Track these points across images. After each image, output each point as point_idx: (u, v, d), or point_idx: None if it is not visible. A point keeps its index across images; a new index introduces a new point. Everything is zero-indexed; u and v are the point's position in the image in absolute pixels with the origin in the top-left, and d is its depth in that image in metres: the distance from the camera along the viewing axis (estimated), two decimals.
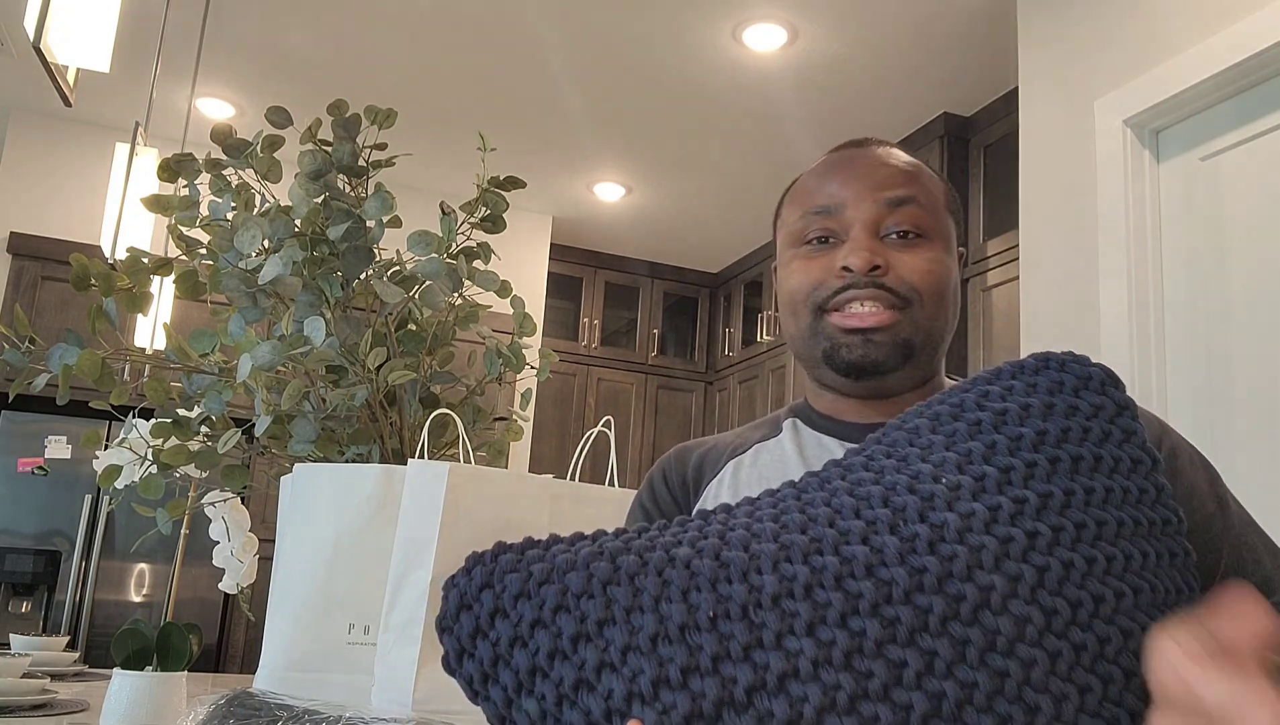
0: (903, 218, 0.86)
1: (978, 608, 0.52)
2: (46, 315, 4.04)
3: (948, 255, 0.89)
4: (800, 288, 0.88)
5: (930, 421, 0.63)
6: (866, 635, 0.51)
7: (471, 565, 0.58)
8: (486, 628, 0.56)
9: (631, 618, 0.53)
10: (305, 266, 1.20)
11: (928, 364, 0.89)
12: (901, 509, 0.56)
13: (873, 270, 0.84)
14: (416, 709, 0.92)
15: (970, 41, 3.25)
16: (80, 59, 1.75)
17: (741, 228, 4.93)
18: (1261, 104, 2.19)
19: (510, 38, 3.41)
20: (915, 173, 0.90)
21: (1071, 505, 0.57)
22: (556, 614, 0.54)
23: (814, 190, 0.91)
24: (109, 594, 3.85)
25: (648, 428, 5.29)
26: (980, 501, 0.56)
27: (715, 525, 0.59)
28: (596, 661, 0.53)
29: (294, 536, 1.10)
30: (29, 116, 4.23)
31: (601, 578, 0.55)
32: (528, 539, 0.60)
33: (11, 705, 1.52)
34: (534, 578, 0.56)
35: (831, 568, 0.53)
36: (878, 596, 0.52)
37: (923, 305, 0.85)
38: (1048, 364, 0.64)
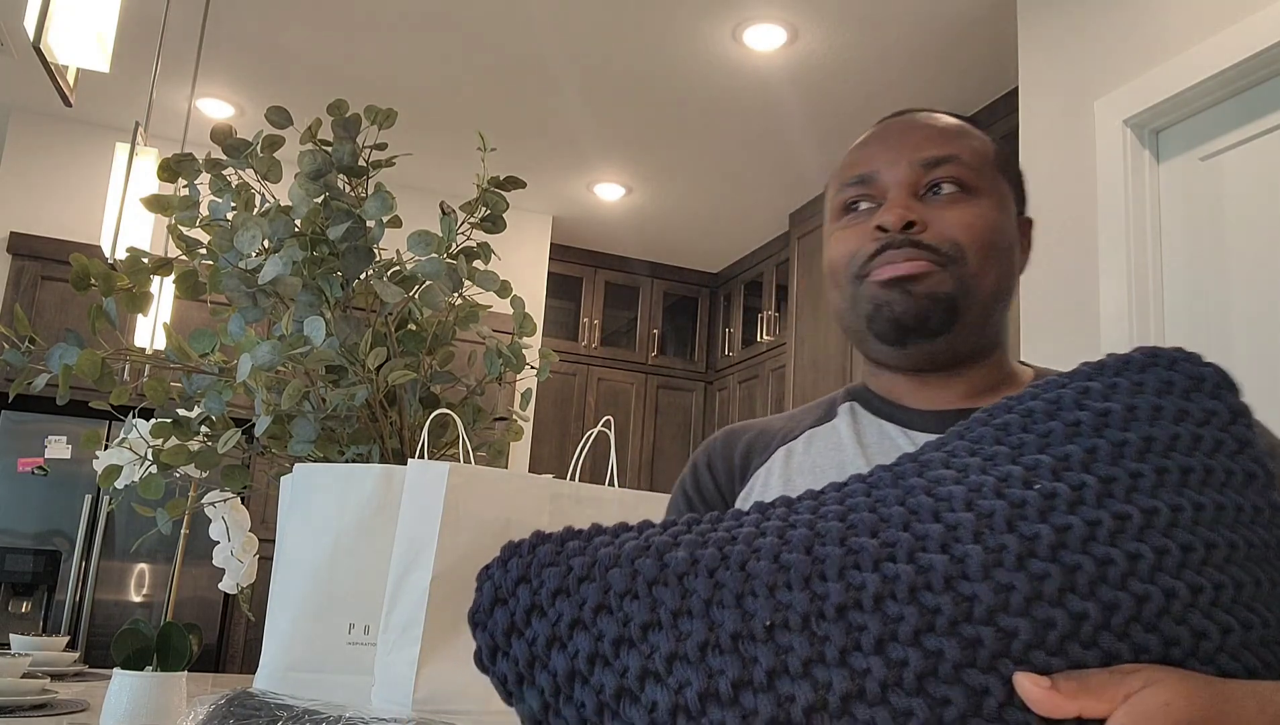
0: (942, 175, 0.81)
1: (1066, 637, 0.46)
2: (46, 315, 4.03)
3: (998, 214, 0.82)
4: (839, 257, 0.84)
5: (1022, 417, 0.57)
6: (944, 657, 0.45)
7: (507, 556, 0.54)
8: (522, 625, 0.52)
9: (679, 623, 0.48)
10: (305, 266, 1.20)
11: (979, 330, 0.82)
12: (988, 515, 0.50)
13: (908, 227, 0.79)
14: (416, 709, 0.92)
15: (970, 41, 3.25)
16: (80, 59, 1.75)
17: (741, 228, 4.93)
18: (1261, 104, 2.19)
19: (510, 38, 3.41)
20: (956, 131, 0.85)
21: (1179, 524, 0.50)
22: (598, 614, 0.50)
23: (852, 162, 0.87)
24: (109, 594, 3.85)
25: (648, 428, 5.29)
26: (1078, 514, 0.49)
27: (774, 522, 0.54)
28: (640, 669, 0.48)
29: (294, 536, 1.10)
30: (29, 116, 4.23)
31: (647, 577, 0.50)
32: (568, 529, 0.55)
33: (11, 705, 1.52)
34: (574, 573, 0.52)
35: (905, 577, 0.48)
36: (957, 613, 0.46)
37: (966, 261, 0.79)
38: (1156, 360, 0.58)
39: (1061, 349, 2.52)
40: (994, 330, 0.84)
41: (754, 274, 5.16)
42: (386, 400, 1.23)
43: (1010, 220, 0.84)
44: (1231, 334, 2.18)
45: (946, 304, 0.79)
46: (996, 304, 0.82)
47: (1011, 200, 0.85)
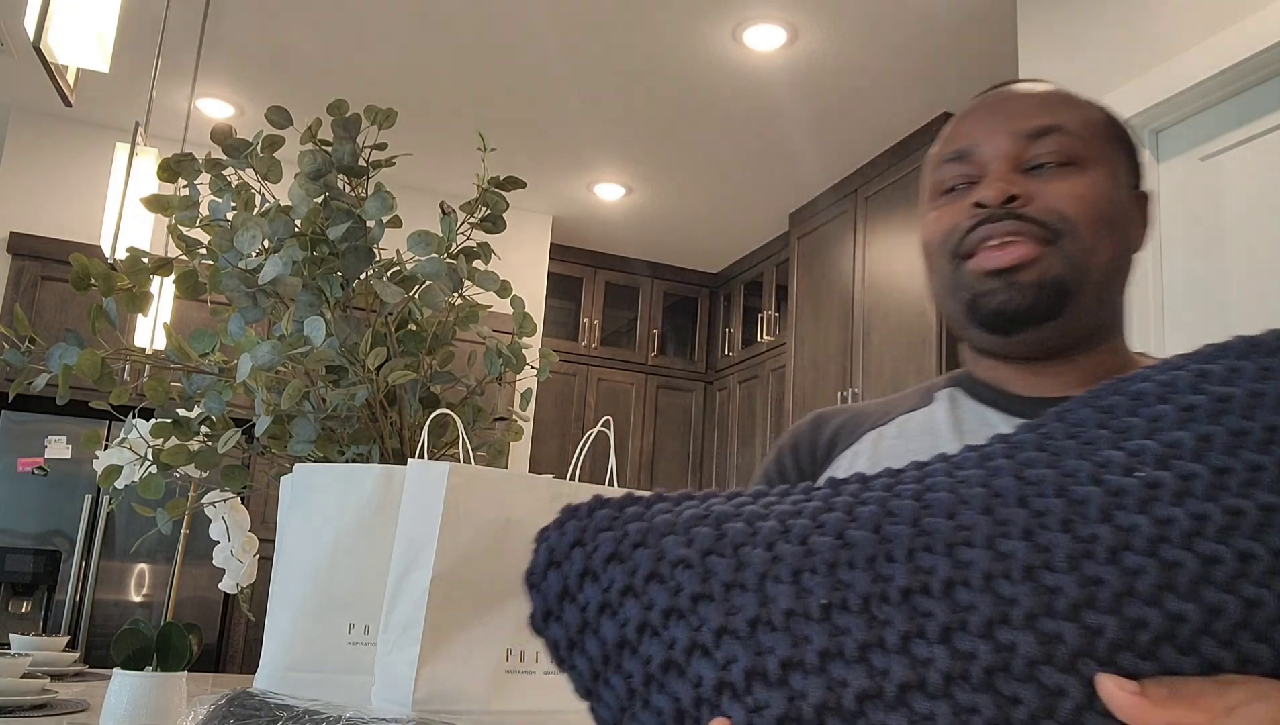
0: (1047, 148, 0.75)
1: (1160, 639, 0.42)
2: (46, 315, 4.04)
3: (1111, 185, 0.76)
4: (934, 237, 0.78)
5: (1130, 400, 0.52)
6: (1017, 652, 0.42)
7: (565, 519, 0.53)
8: (575, 590, 0.50)
9: (731, 595, 0.46)
10: (305, 266, 1.20)
11: (1092, 314, 0.75)
12: (1080, 503, 0.45)
13: (1009, 201, 0.73)
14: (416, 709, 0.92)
15: (970, 41, 3.24)
16: (80, 59, 1.75)
17: (741, 228, 4.93)
18: (1261, 104, 2.19)
19: (510, 38, 3.41)
20: (1062, 99, 0.79)
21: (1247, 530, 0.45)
22: (649, 582, 0.48)
23: (949, 137, 0.82)
24: (109, 594, 3.85)
25: (648, 428, 5.29)
26: (1184, 507, 0.45)
27: (844, 497, 0.50)
28: (688, 642, 0.46)
29: (294, 536, 1.10)
30: (29, 116, 4.23)
31: (702, 546, 0.48)
32: (628, 494, 0.53)
33: (11, 705, 1.52)
34: (629, 539, 0.50)
35: (981, 563, 0.44)
36: (1036, 606, 0.42)
37: (1076, 236, 0.72)
38: (1255, 348, 0.54)
39: None
40: (1110, 313, 0.78)
41: (754, 274, 5.16)
42: (386, 400, 1.23)
43: (1124, 192, 0.78)
44: (1231, 333, 2.18)
45: (1056, 287, 0.72)
46: (1111, 284, 0.75)
47: (1125, 172, 0.79)
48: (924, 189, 0.84)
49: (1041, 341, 0.75)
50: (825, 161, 4.14)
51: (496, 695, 0.98)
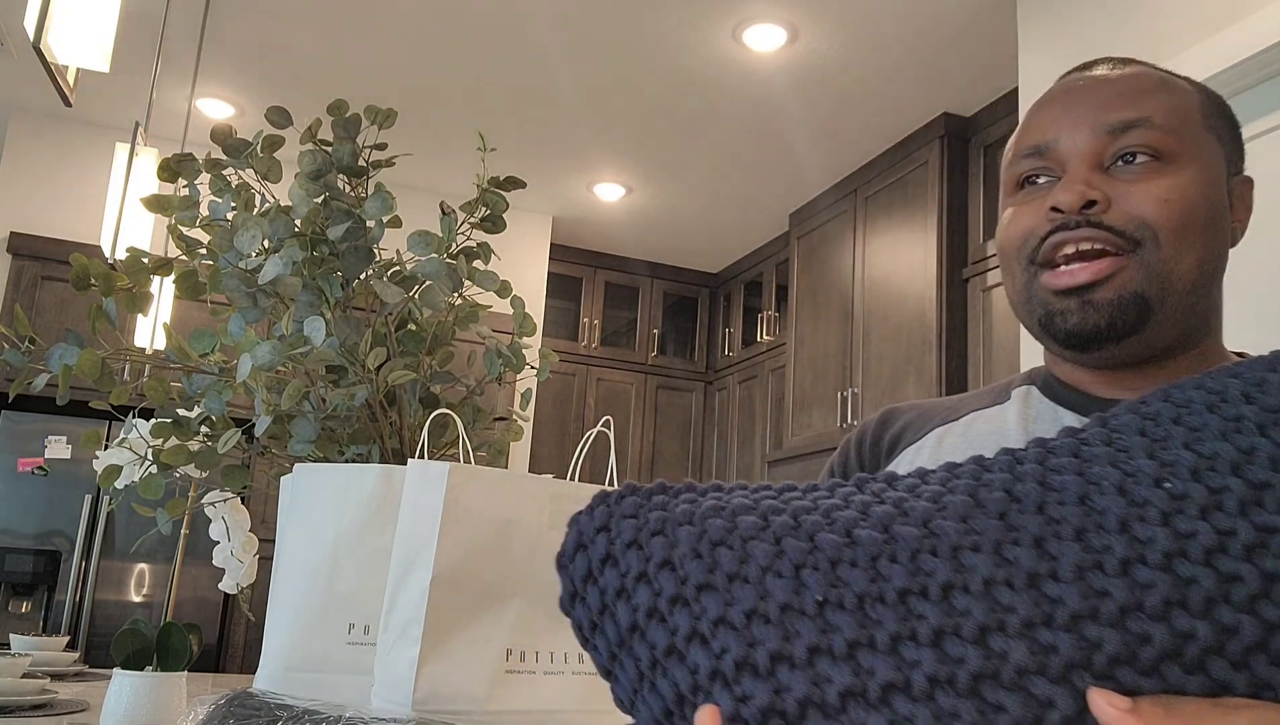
0: (1132, 142, 0.70)
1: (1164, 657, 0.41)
2: (46, 315, 4.03)
3: (1201, 183, 0.71)
4: (1011, 240, 0.74)
5: (1176, 408, 0.50)
6: (1008, 660, 0.41)
7: (596, 504, 0.54)
8: (598, 573, 0.52)
9: (733, 587, 0.47)
10: (305, 266, 1.20)
11: (1178, 322, 0.70)
12: (1100, 512, 0.45)
13: (1088, 207, 0.69)
14: (416, 709, 0.92)
15: (970, 41, 3.25)
16: (80, 59, 1.75)
17: (741, 228, 4.93)
18: (1261, 104, 2.19)
19: (510, 37, 3.41)
20: (1151, 86, 0.73)
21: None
22: (661, 570, 0.49)
23: (1029, 128, 0.77)
24: (109, 594, 3.85)
25: (648, 428, 5.29)
26: (1209, 521, 0.43)
27: (865, 495, 0.51)
28: (689, 629, 0.47)
29: (294, 536, 1.10)
30: (29, 116, 4.23)
31: (713, 537, 0.49)
32: (659, 483, 0.55)
33: (11, 705, 1.52)
34: (648, 527, 0.51)
35: (982, 569, 0.44)
36: (1034, 615, 0.42)
37: (1159, 244, 0.68)
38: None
39: None
40: (1202, 316, 0.73)
41: (754, 274, 5.16)
42: (386, 400, 1.23)
43: (1219, 187, 0.73)
44: (1231, 334, 2.18)
45: (1136, 304, 0.68)
46: (1198, 291, 0.71)
47: (1223, 161, 0.74)
48: (1003, 179, 0.80)
49: (1122, 357, 0.71)
50: (825, 161, 4.14)
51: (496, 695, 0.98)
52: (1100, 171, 0.71)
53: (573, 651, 1.04)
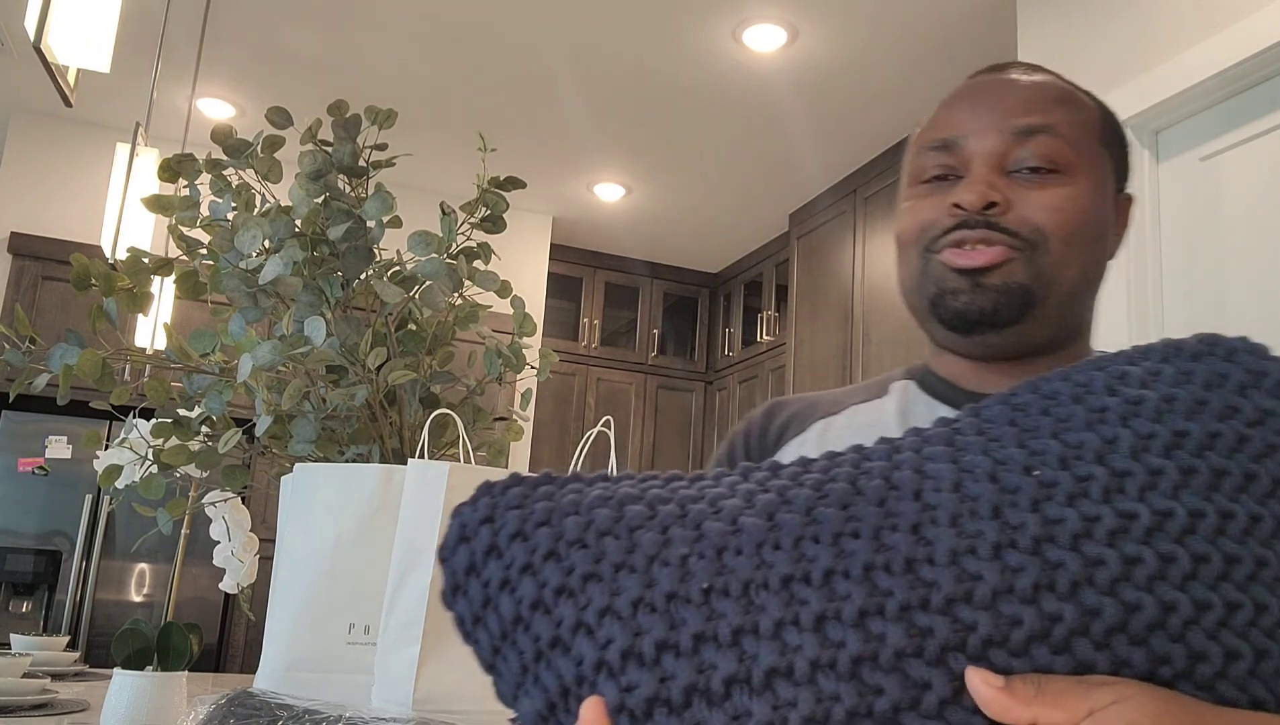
0: (1035, 150, 0.73)
1: (1033, 638, 0.42)
2: (46, 315, 4.04)
3: (1093, 196, 0.74)
4: (909, 229, 0.77)
5: (1043, 399, 0.52)
6: (885, 643, 0.42)
7: (480, 495, 0.53)
8: (480, 565, 0.51)
9: (619, 577, 0.47)
10: (305, 266, 1.20)
11: (1057, 322, 0.74)
12: (973, 499, 0.46)
13: (988, 208, 0.72)
14: (416, 709, 0.93)
15: (970, 41, 3.25)
16: (80, 59, 1.75)
17: (741, 228, 4.93)
18: (1261, 104, 2.19)
19: (510, 38, 3.41)
20: (1058, 96, 0.76)
21: (1196, 532, 0.45)
22: (546, 561, 0.48)
23: (936, 123, 0.80)
24: (109, 594, 3.85)
25: (648, 428, 5.29)
26: (1075, 507, 0.45)
27: (750, 483, 0.51)
28: (574, 620, 0.46)
29: (294, 536, 1.10)
30: (29, 116, 4.23)
31: (600, 526, 0.49)
32: (545, 472, 0.54)
33: (12, 705, 1.52)
34: (533, 518, 0.50)
35: (862, 554, 0.45)
36: (911, 599, 0.43)
37: (1048, 249, 0.71)
38: (1212, 349, 0.54)
39: None
40: (1074, 321, 0.77)
41: (754, 274, 5.16)
42: (386, 400, 1.23)
43: (1106, 201, 0.76)
44: (1230, 333, 2.18)
45: (1020, 295, 0.72)
46: (1077, 296, 0.75)
47: (1111, 177, 0.77)
48: (906, 171, 0.82)
49: (1000, 345, 0.75)
50: (825, 161, 4.14)
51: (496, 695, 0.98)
52: (1002, 174, 0.74)
53: None
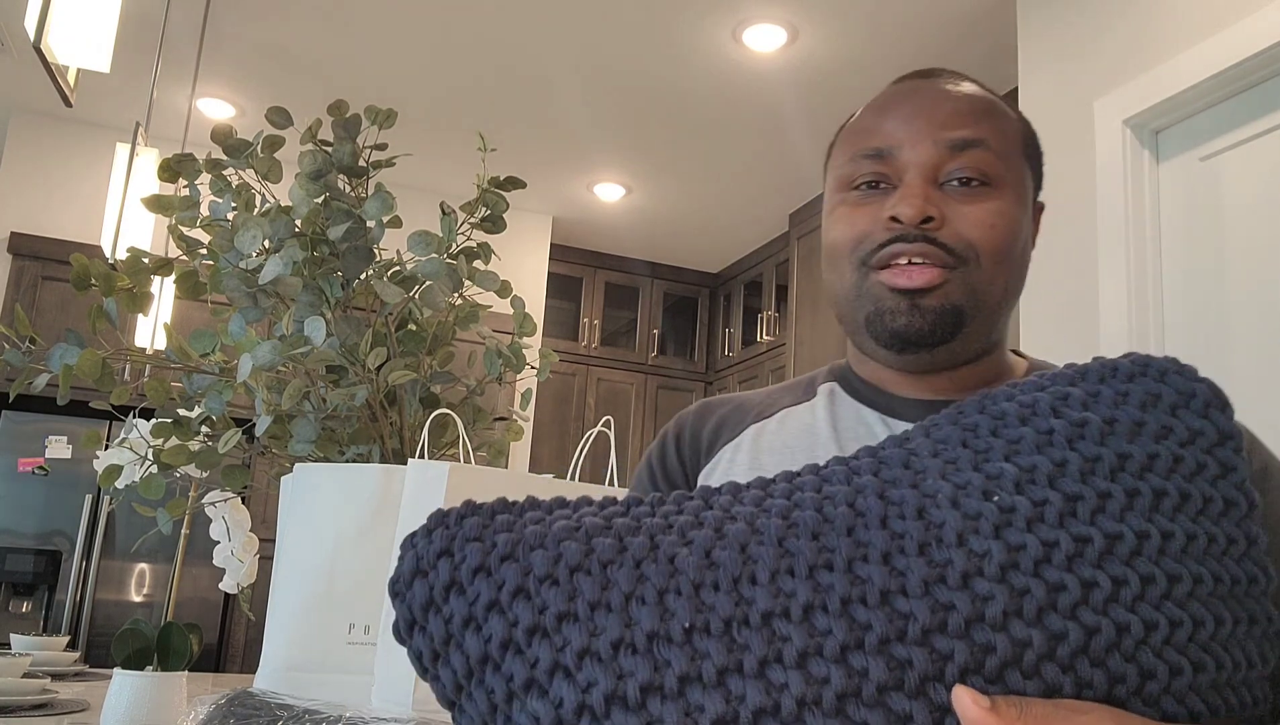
0: (967, 163, 0.75)
1: (1006, 665, 0.44)
2: (46, 315, 4.04)
3: (1018, 209, 0.76)
4: (843, 239, 0.77)
5: (992, 420, 0.54)
6: (868, 677, 0.43)
7: (433, 526, 0.51)
8: (440, 601, 0.49)
9: (595, 616, 0.46)
10: (305, 266, 1.20)
11: (982, 335, 0.77)
12: (939, 526, 0.47)
13: (925, 222, 0.73)
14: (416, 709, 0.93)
15: (970, 41, 3.25)
16: (80, 59, 1.75)
17: (741, 228, 4.93)
18: (1261, 104, 2.19)
19: (510, 38, 3.41)
20: (988, 109, 0.78)
21: (1142, 553, 0.47)
22: (515, 598, 0.47)
23: (867, 129, 0.79)
24: (109, 594, 3.85)
25: (648, 428, 5.29)
26: (1035, 533, 0.46)
27: (715, 511, 0.51)
28: (550, 662, 0.45)
29: (294, 536, 1.10)
30: (29, 116, 4.23)
31: (570, 562, 0.47)
32: (500, 500, 0.52)
33: (12, 705, 1.52)
34: (496, 551, 0.49)
35: (839, 588, 0.45)
36: (889, 631, 0.44)
37: (980, 265, 0.74)
38: (1145, 370, 0.55)
39: (1060, 348, 2.52)
40: (999, 332, 0.80)
41: (754, 274, 5.16)
42: (386, 400, 1.23)
43: (1028, 214, 0.79)
44: (1231, 334, 2.19)
45: (954, 315, 0.74)
46: (1001, 310, 0.77)
47: (1031, 188, 0.80)
48: (832, 175, 0.82)
49: (930, 361, 0.77)
50: None
51: None
52: (936, 186, 0.75)
53: None
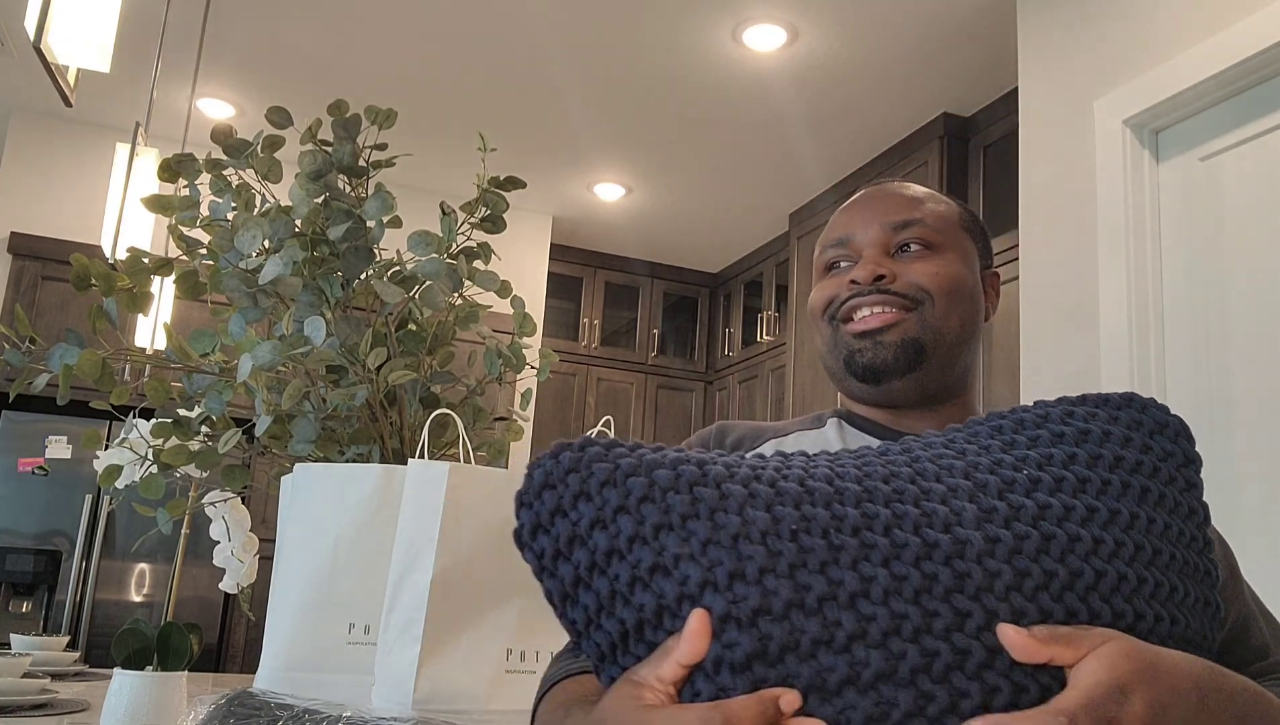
0: (909, 236, 0.93)
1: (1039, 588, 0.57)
2: (46, 315, 4.03)
3: (962, 265, 0.93)
4: (818, 305, 0.96)
5: (1014, 423, 0.68)
6: (939, 580, 0.55)
7: (559, 450, 0.62)
8: (569, 508, 0.59)
9: (715, 516, 0.56)
10: (305, 266, 1.20)
11: (945, 370, 0.92)
12: (983, 485, 0.61)
13: (878, 279, 0.90)
14: (416, 709, 0.93)
15: (970, 41, 3.25)
16: (80, 59, 1.75)
17: (741, 228, 4.93)
18: (1261, 104, 2.19)
19: (510, 38, 3.41)
20: (922, 199, 0.96)
21: (1134, 527, 0.61)
22: (641, 504, 0.57)
23: (834, 225, 0.99)
24: (109, 594, 3.85)
25: (648, 428, 5.29)
26: (1056, 498, 0.60)
27: (798, 464, 0.63)
28: (676, 550, 0.56)
29: (294, 536, 1.10)
30: (29, 116, 4.23)
31: (689, 478, 0.58)
32: (612, 439, 0.63)
33: (12, 705, 1.52)
34: (621, 469, 0.59)
35: (912, 516, 0.58)
36: (952, 551, 0.56)
37: (934, 306, 0.90)
38: (1131, 402, 0.69)
39: (1061, 348, 2.52)
40: (962, 372, 0.94)
41: (754, 274, 5.16)
42: (386, 400, 1.23)
43: (974, 273, 0.95)
44: (1231, 333, 2.18)
45: (915, 346, 0.89)
46: (961, 346, 0.92)
47: (976, 256, 0.97)
48: (815, 266, 1.01)
49: (904, 390, 0.91)
50: (825, 161, 4.14)
51: (496, 695, 0.98)
52: (887, 255, 0.93)
53: None
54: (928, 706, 0.52)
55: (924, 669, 0.53)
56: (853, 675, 0.52)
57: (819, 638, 0.53)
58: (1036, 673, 0.54)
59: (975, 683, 0.53)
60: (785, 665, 0.53)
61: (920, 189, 0.99)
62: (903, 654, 0.53)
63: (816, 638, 0.53)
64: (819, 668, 0.52)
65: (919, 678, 0.53)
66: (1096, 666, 0.53)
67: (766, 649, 0.53)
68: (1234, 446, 2.14)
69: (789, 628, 0.53)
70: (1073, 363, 2.48)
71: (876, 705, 0.52)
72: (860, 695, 0.52)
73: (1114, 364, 2.33)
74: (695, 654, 0.53)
